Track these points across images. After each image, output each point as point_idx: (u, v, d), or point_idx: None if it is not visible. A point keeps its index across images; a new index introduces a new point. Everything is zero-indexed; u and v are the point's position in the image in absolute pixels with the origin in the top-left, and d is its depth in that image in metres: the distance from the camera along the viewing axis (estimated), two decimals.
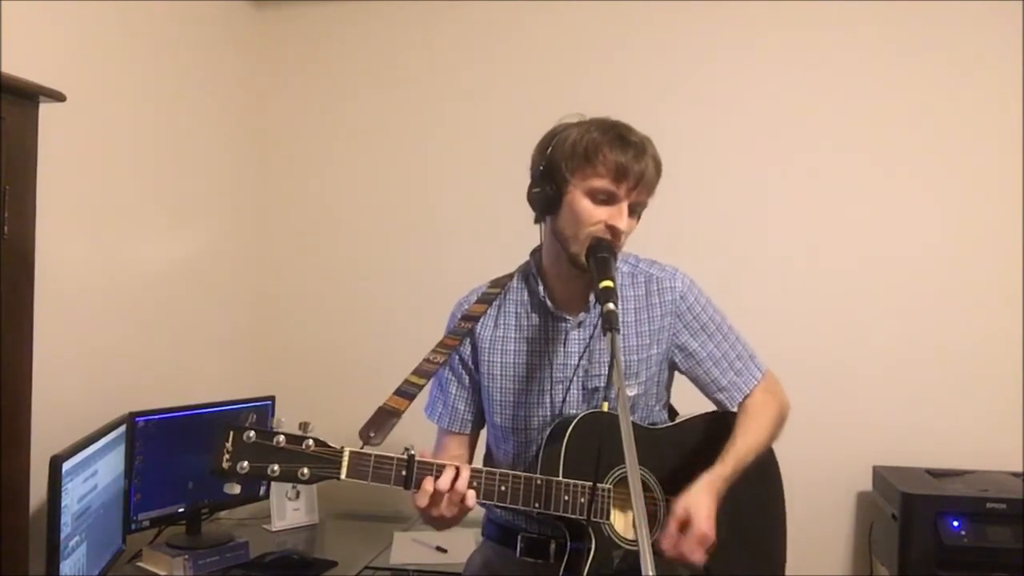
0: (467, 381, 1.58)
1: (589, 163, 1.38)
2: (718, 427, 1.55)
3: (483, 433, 1.65)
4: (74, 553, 1.84)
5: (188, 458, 2.33)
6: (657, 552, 1.35)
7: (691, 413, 1.61)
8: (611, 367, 1.21)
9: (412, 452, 1.30)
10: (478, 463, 1.63)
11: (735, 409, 1.58)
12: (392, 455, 1.28)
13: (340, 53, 3.03)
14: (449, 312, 1.61)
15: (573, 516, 1.36)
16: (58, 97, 1.72)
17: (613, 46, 2.82)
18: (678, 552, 1.35)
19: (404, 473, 1.28)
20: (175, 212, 2.67)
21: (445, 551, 2.41)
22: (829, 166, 2.70)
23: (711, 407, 1.61)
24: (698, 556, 1.35)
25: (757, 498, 1.57)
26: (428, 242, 2.96)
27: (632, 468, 1.06)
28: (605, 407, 1.42)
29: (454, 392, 1.58)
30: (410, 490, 1.29)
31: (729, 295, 1.68)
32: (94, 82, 2.24)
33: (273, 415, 2.58)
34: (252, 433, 1.21)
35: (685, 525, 1.36)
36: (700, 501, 1.37)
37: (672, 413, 1.66)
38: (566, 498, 1.36)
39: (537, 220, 1.51)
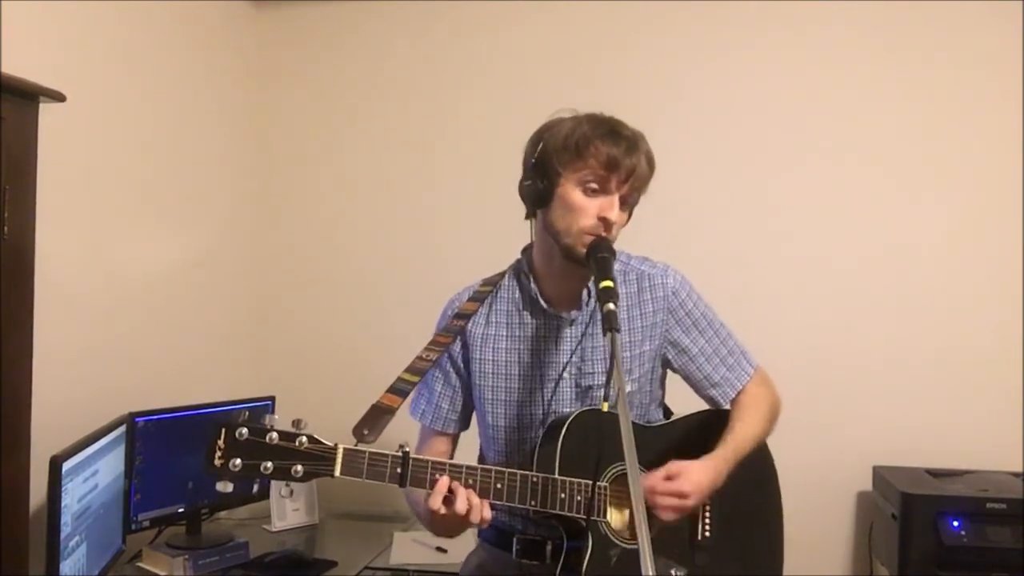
0: (454, 379, 1.57)
1: (580, 156, 1.38)
2: (714, 424, 1.55)
3: (474, 436, 1.64)
4: (74, 553, 1.84)
5: (188, 458, 2.32)
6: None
7: (687, 412, 1.61)
8: (611, 366, 1.21)
9: (407, 449, 1.29)
10: None
11: (728, 406, 1.58)
12: (387, 452, 1.28)
13: (340, 53, 3.03)
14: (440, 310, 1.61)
15: (571, 514, 1.36)
16: (58, 97, 1.72)
17: (613, 46, 2.82)
18: (651, 500, 1.34)
19: (399, 471, 1.27)
20: (175, 212, 2.67)
21: (445, 551, 2.41)
22: (830, 165, 2.70)
23: (705, 407, 1.62)
24: (667, 512, 1.35)
25: (754, 498, 1.57)
26: (428, 242, 2.96)
27: (632, 467, 1.06)
28: (605, 407, 1.41)
29: (439, 390, 1.58)
30: (404, 488, 1.29)
31: (729, 294, 1.68)
32: (94, 82, 2.23)
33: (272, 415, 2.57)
34: (245, 430, 1.19)
35: (670, 479, 1.36)
36: (694, 469, 1.38)
37: (667, 414, 1.66)
38: (563, 496, 1.36)
39: (528, 215, 1.50)
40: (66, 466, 1.77)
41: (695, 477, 1.37)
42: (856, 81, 2.68)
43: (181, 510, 2.34)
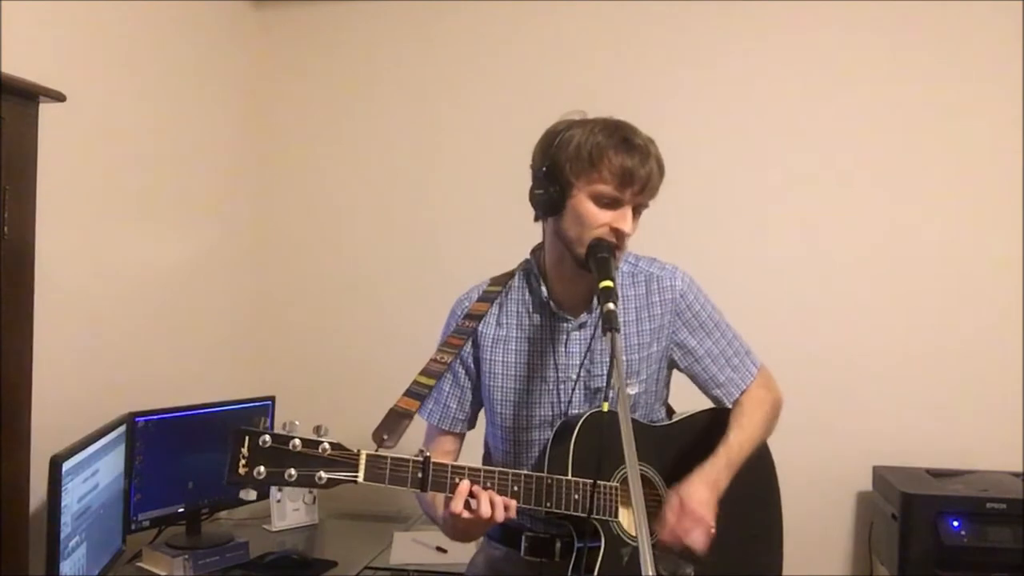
0: (463, 379, 1.57)
1: (594, 167, 1.37)
2: (719, 422, 1.56)
3: (479, 436, 1.64)
4: (74, 553, 1.84)
5: (188, 458, 2.33)
6: (659, 546, 1.34)
7: (690, 410, 1.62)
8: (611, 366, 1.21)
9: (427, 454, 1.29)
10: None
11: (731, 405, 1.59)
12: (408, 457, 1.28)
13: (340, 53, 3.03)
14: (448, 310, 1.61)
15: (582, 515, 1.36)
16: (58, 97, 1.72)
17: (614, 46, 2.82)
18: (674, 536, 1.35)
19: (420, 475, 1.28)
20: (175, 212, 2.67)
21: (445, 551, 2.40)
22: (830, 165, 2.70)
23: (707, 404, 1.62)
24: (696, 537, 1.35)
25: (753, 498, 1.58)
26: (428, 241, 2.96)
27: (632, 467, 1.06)
28: (605, 407, 1.42)
29: (447, 389, 1.57)
30: (426, 492, 1.29)
31: (730, 294, 1.68)
32: (94, 82, 2.24)
33: (273, 416, 2.58)
34: (267, 438, 1.18)
35: (679, 511, 1.36)
36: (693, 488, 1.38)
37: (669, 412, 1.67)
38: (576, 497, 1.36)
39: (537, 219, 1.51)
40: (66, 466, 1.77)
41: (697, 497, 1.37)
42: (856, 81, 2.67)
43: (181, 510, 2.34)
